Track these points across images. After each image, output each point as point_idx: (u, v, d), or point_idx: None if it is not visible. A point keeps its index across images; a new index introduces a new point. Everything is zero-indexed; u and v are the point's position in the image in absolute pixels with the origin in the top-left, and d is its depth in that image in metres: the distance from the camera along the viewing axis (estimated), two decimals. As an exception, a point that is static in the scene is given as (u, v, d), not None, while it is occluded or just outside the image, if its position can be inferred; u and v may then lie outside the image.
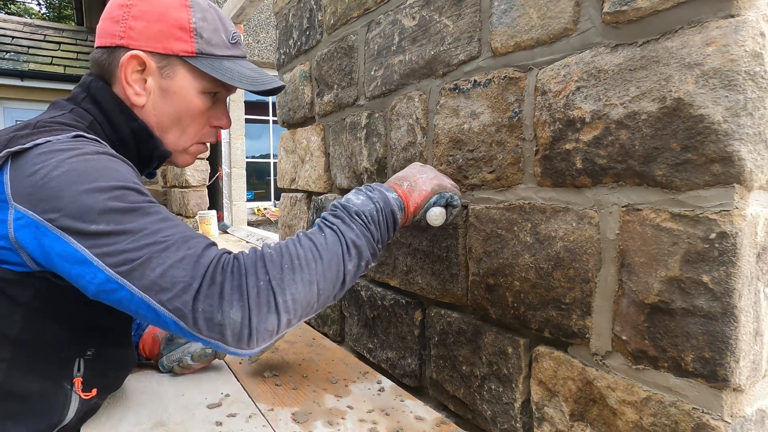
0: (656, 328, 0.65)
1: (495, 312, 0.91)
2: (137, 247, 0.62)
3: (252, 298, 0.62)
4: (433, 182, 0.86)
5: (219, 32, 0.86)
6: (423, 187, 0.85)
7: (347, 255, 0.71)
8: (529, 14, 0.80)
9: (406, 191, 0.84)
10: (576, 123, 0.74)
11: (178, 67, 0.84)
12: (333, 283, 0.70)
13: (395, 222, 0.80)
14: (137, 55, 0.81)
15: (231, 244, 3.48)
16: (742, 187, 0.57)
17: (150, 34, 0.81)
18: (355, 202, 0.77)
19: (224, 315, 0.61)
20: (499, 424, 0.91)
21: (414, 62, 1.08)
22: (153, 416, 0.93)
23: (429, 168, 0.90)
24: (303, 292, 0.66)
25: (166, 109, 0.86)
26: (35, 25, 7.62)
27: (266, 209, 7.19)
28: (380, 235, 0.77)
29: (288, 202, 1.82)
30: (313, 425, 0.92)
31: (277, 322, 0.64)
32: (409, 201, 0.83)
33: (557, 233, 0.78)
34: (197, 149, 0.95)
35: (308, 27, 1.56)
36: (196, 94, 0.86)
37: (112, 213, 0.64)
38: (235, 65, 0.88)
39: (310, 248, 0.68)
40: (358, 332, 1.37)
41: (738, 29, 0.55)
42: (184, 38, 0.82)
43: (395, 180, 0.86)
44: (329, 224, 0.73)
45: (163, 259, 0.62)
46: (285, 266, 0.65)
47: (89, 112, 0.82)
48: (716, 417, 0.60)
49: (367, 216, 0.75)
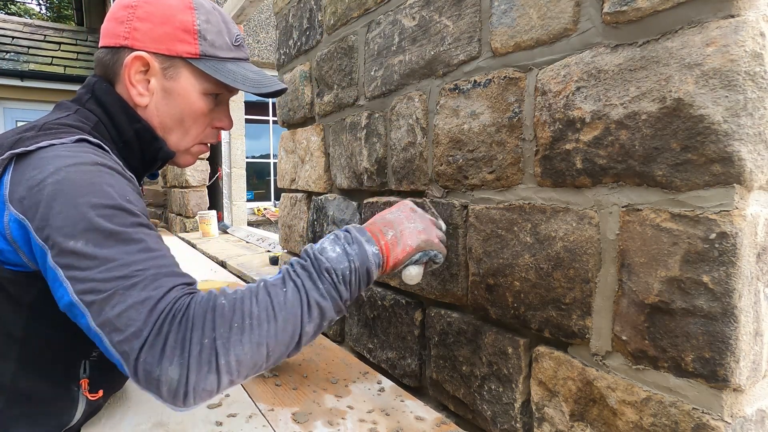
0: (656, 328, 0.65)
1: (495, 312, 0.91)
2: (105, 279, 0.61)
3: (193, 356, 0.59)
4: (421, 237, 0.80)
5: (223, 34, 0.87)
6: (408, 242, 0.79)
7: (307, 316, 0.66)
8: (529, 14, 0.80)
9: (389, 243, 0.77)
10: (576, 123, 0.74)
11: (182, 68, 0.84)
12: (286, 344, 0.65)
13: (369, 280, 0.74)
14: (141, 56, 0.81)
15: (231, 244, 3.48)
16: (742, 187, 0.57)
17: (154, 36, 0.82)
18: (330, 255, 0.71)
19: (162, 371, 0.59)
20: (499, 425, 0.91)
21: (414, 62, 1.08)
22: (153, 416, 0.93)
23: (420, 215, 0.85)
24: (249, 354, 0.62)
25: (169, 110, 0.86)
26: (35, 25, 7.62)
27: (266, 209, 7.19)
28: (350, 294, 0.71)
29: (288, 202, 1.82)
30: (313, 425, 0.92)
31: (218, 383, 0.61)
32: (390, 256, 0.77)
33: (557, 233, 0.78)
34: (199, 150, 0.96)
35: (308, 27, 1.56)
36: (198, 95, 0.86)
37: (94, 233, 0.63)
38: (238, 68, 0.88)
39: (266, 307, 0.64)
40: (358, 332, 1.37)
41: (738, 29, 0.55)
42: (188, 40, 0.83)
43: (381, 225, 0.80)
44: (293, 277, 0.68)
45: (125, 298, 0.60)
46: (234, 325, 0.62)
47: (94, 113, 0.83)
48: (716, 417, 0.60)
49: (338, 275, 0.69)
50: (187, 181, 4.60)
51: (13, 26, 7.27)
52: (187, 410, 0.62)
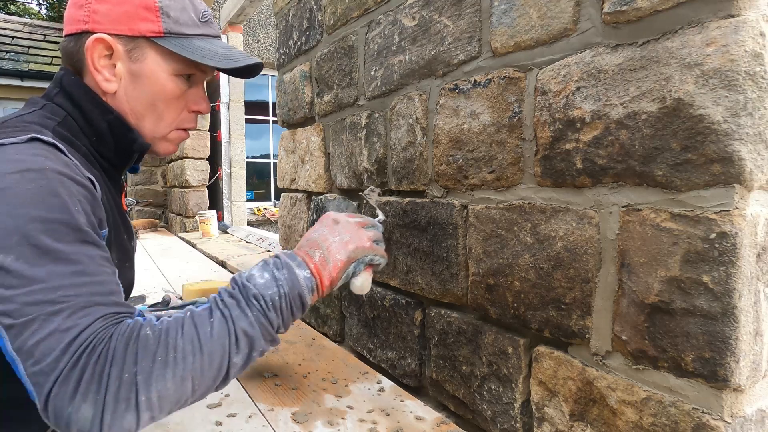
0: (656, 328, 0.65)
1: (495, 312, 0.91)
2: (28, 302, 0.57)
3: (110, 393, 0.55)
4: (348, 247, 0.79)
5: (188, 11, 0.83)
6: (337, 257, 0.77)
7: (235, 347, 0.63)
8: (529, 14, 0.80)
9: (318, 265, 0.75)
10: (576, 123, 0.74)
11: (147, 49, 0.80)
12: (213, 377, 0.62)
13: (304, 305, 0.72)
14: (102, 38, 0.77)
15: (231, 244, 3.48)
16: (742, 187, 0.57)
17: (114, 16, 0.78)
18: (258, 281, 0.68)
19: (74, 409, 0.54)
20: (499, 424, 0.91)
21: (414, 62, 1.08)
22: (153, 416, 0.93)
23: (343, 225, 0.82)
24: (173, 389, 0.59)
25: (139, 95, 0.82)
26: (35, 25, 7.62)
27: (266, 209, 7.19)
28: (281, 320, 0.69)
29: (288, 202, 1.82)
30: (313, 425, 0.92)
31: (137, 421, 0.57)
32: (323, 276, 0.75)
33: (557, 233, 0.78)
34: (177, 136, 0.91)
35: (308, 27, 1.56)
36: (168, 76, 0.82)
37: (28, 248, 0.58)
38: (207, 44, 0.84)
39: (192, 339, 0.61)
40: (358, 332, 1.37)
41: (738, 29, 0.55)
42: (150, 18, 0.78)
43: (307, 247, 0.78)
44: (221, 307, 0.65)
45: (46, 325, 0.56)
46: (158, 358, 0.58)
47: (62, 107, 0.79)
48: (716, 417, 0.60)
49: (267, 301, 0.67)
50: (187, 181, 4.60)
51: (13, 26, 7.27)
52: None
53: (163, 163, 5.64)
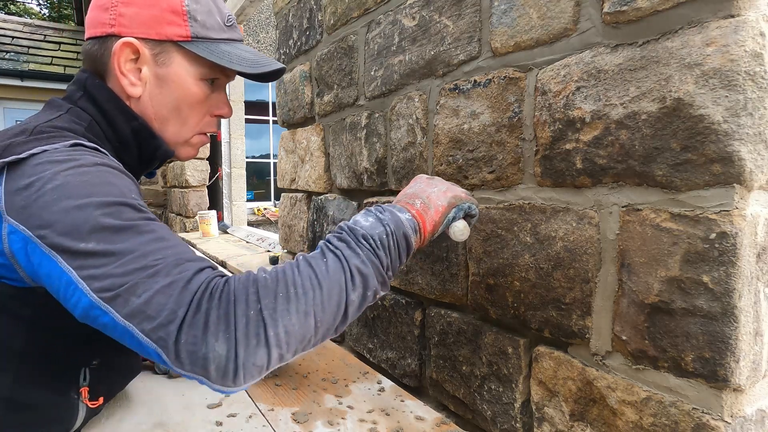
0: (656, 328, 0.65)
1: (495, 312, 0.91)
2: (124, 272, 0.58)
3: (240, 330, 0.56)
4: (448, 195, 0.79)
5: (213, 14, 0.82)
6: (438, 203, 0.77)
7: (351, 284, 0.64)
8: (529, 14, 0.80)
9: (420, 210, 0.76)
10: (576, 123, 0.74)
11: (174, 53, 0.80)
12: (333, 314, 0.63)
13: (409, 246, 0.73)
14: (130, 42, 0.77)
15: (231, 244, 3.48)
16: (742, 187, 0.57)
17: (142, 20, 0.77)
18: (363, 224, 0.70)
19: (208, 348, 0.55)
20: (499, 424, 0.91)
21: (414, 62, 1.08)
22: (153, 416, 0.93)
23: (438, 180, 0.83)
24: (298, 324, 0.59)
25: (164, 99, 0.82)
26: (35, 25, 7.61)
27: (266, 209, 7.19)
28: (390, 261, 0.69)
29: (288, 202, 1.82)
30: (313, 425, 0.92)
31: (267, 357, 0.58)
32: (425, 220, 0.75)
33: (557, 233, 0.78)
34: (199, 140, 0.92)
35: (308, 27, 1.56)
36: (193, 81, 0.82)
37: (104, 231, 0.60)
38: (233, 48, 0.84)
39: (309, 275, 0.62)
40: (358, 332, 1.37)
41: (738, 29, 0.55)
42: (177, 22, 0.78)
43: (405, 199, 0.78)
44: (332, 248, 0.67)
45: (150, 285, 0.57)
46: (279, 294, 0.59)
47: (87, 111, 0.79)
48: (716, 417, 0.60)
49: (375, 240, 0.68)
50: (187, 181, 4.60)
51: (13, 26, 7.27)
52: (235, 391, 0.58)
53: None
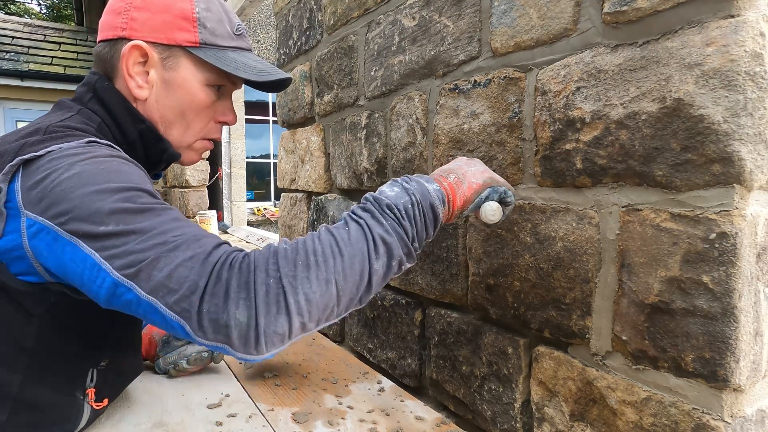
0: (656, 328, 0.65)
1: (495, 312, 0.91)
2: (145, 248, 0.59)
3: (260, 297, 0.57)
4: (485, 175, 0.78)
5: (223, 23, 0.84)
6: (473, 180, 0.76)
7: (374, 252, 0.64)
8: (529, 14, 0.80)
9: (452, 183, 0.75)
10: (576, 123, 0.74)
11: (182, 58, 0.82)
12: (356, 283, 0.63)
13: (436, 217, 0.71)
14: (139, 45, 0.79)
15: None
16: (742, 187, 0.57)
17: (153, 25, 0.79)
18: (388, 194, 0.69)
19: (229, 315, 0.56)
20: (499, 425, 0.91)
21: (414, 62, 1.08)
22: (153, 416, 0.93)
23: (478, 161, 0.81)
24: (319, 292, 0.60)
25: (170, 103, 0.83)
26: (35, 25, 7.61)
27: (266, 209, 7.19)
28: (416, 231, 0.69)
29: (288, 202, 1.82)
30: (313, 425, 0.92)
31: (288, 325, 0.58)
32: (456, 194, 0.74)
33: (557, 233, 0.78)
34: (202, 145, 0.93)
35: (308, 27, 1.56)
36: (200, 86, 0.84)
37: (122, 213, 0.61)
38: (240, 56, 0.85)
39: (330, 243, 0.62)
40: (358, 332, 1.37)
41: (738, 29, 0.55)
42: (187, 28, 0.80)
43: (440, 172, 0.78)
44: (356, 218, 0.66)
45: (171, 259, 0.58)
46: (299, 263, 0.60)
47: (96, 113, 0.80)
48: (716, 417, 0.60)
49: (400, 209, 0.67)
50: (187, 181, 4.60)
51: (13, 26, 7.27)
52: (259, 359, 0.59)
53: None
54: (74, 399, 0.80)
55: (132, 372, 0.96)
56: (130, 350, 0.92)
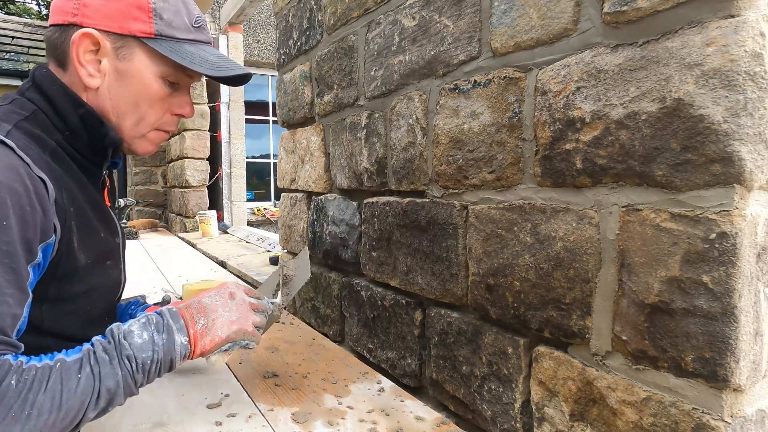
0: (656, 328, 0.65)
1: (495, 312, 0.91)
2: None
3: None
4: (233, 327, 0.81)
5: (181, 14, 0.82)
6: (219, 333, 0.79)
7: (94, 404, 0.65)
8: (529, 14, 0.80)
9: (198, 333, 0.77)
10: (576, 123, 0.74)
11: (136, 48, 0.79)
12: (62, 429, 0.63)
13: (172, 367, 0.74)
14: (90, 33, 0.76)
15: (231, 244, 3.48)
16: (742, 187, 0.57)
17: (106, 13, 0.77)
18: (135, 341, 0.70)
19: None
20: (499, 424, 0.91)
21: (414, 62, 1.08)
22: (153, 416, 0.93)
23: (238, 302, 0.85)
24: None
25: (122, 93, 0.81)
26: (35, 25, 7.61)
27: (266, 209, 7.19)
28: (146, 380, 0.71)
29: (288, 202, 1.82)
30: (313, 425, 0.92)
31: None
32: (197, 347, 0.77)
33: (557, 233, 0.78)
34: (157, 136, 0.89)
35: (308, 27, 1.56)
36: (154, 78, 0.81)
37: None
38: (197, 49, 0.83)
39: (53, 397, 0.62)
40: (358, 332, 1.37)
41: (738, 29, 0.55)
42: (142, 18, 0.78)
43: (194, 311, 0.79)
44: (92, 363, 0.66)
45: None
46: (11, 414, 0.58)
47: (32, 101, 0.78)
48: (716, 417, 0.59)
49: (139, 363, 0.69)
50: (187, 181, 4.60)
51: (13, 26, 7.27)
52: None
53: (163, 163, 5.64)
54: None
55: None
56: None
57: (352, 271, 1.40)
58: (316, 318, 1.62)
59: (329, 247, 1.50)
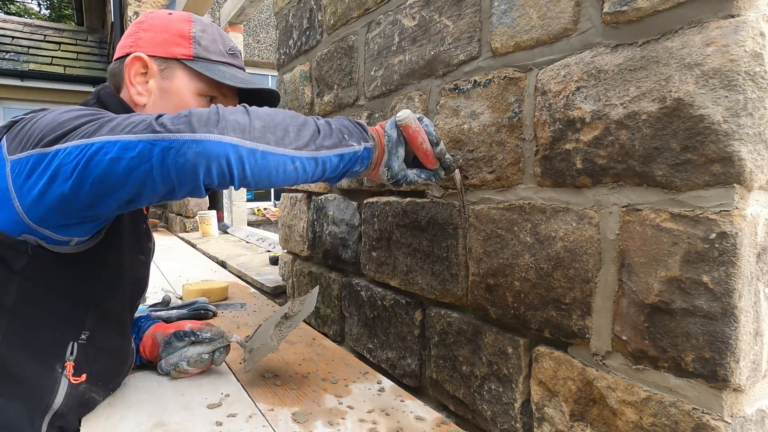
0: (656, 328, 0.65)
1: (495, 312, 0.91)
2: (106, 121, 0.69)
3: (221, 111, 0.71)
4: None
5: (217, 43, 0.96)
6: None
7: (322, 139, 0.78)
8: (529, 14, 0.80)
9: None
10: (576, 123, 0.74)
11: (177, 69, 0.93)
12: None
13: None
14: (140, 56, 0.91)
15: (231, 244, 3.48)
16: (742, 187, 0.57)
17: (154, 42, 0.92)
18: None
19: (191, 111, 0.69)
20: (499, 425, 0.91)
21: (414, 62, 1.08)
22: (153, 416, 0.93)
23: None
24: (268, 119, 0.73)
25: (165, 109, 0.91)
26: (35, 25, 7.61)
27: (266, 209, 7.19)
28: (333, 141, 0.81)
29: (288, 202, 1.82)
30: (313, 425, 0.92)
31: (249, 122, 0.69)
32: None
33: (557, 233, 0.78)
34: None
35: (308, 27, 1.56)
36: (192, 95, 0.94)
37: (83, 117, 0.71)
38: (229, 69, 0.96)
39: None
40: (358, 332, 1.37)
41: (738, 29, 0.55)
42: (183, 44, 0.93)
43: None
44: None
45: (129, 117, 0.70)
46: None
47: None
48: (716, 417, 0.60)
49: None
50: (187, 181, 4.60)
51: (13, 26, 7.27)
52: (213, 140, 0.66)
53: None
54: (51, 370, 0.83)
55: (118, 354, 0.99)
56: (112, 326, 0.96)
57: (352, 271, 1.40)
58: (316, 318, 1.62)
59: (329, 247, 1.50)
